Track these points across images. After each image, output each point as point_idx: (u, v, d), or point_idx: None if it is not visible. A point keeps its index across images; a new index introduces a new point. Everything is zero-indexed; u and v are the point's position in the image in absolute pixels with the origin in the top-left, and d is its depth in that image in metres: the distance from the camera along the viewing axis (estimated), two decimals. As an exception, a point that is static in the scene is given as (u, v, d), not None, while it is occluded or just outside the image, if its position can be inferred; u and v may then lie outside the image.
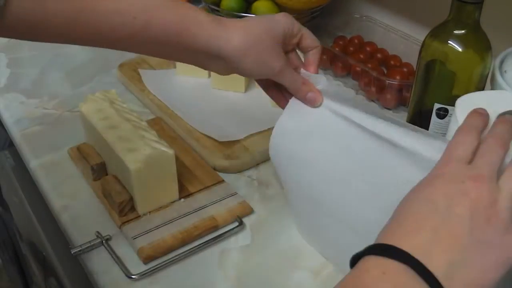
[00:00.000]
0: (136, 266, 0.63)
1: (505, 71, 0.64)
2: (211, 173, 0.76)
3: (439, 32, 0.61)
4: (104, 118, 0.71)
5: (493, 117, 0.48)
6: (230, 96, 0.93)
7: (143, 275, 0.61)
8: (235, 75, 0.91)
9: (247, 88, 0.94)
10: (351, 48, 1.04)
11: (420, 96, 0.64)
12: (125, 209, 0.67)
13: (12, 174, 0.99)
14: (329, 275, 0.63)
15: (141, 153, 0.65)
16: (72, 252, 0.63)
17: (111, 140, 0.68)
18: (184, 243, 0.66)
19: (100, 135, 0.69)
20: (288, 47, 0.61)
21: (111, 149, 0.67)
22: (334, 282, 0.61)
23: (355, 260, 0.38)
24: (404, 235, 0.38)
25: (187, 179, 0.74)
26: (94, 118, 0.72)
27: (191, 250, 0.65)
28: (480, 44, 0.60)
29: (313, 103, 0.59)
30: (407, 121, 0.69)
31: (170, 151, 0.66)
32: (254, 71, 0.59)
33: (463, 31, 0.59)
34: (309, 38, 0.62)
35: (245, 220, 0.69)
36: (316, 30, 1.08)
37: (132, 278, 0.61)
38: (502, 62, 0.66)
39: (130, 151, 0.65)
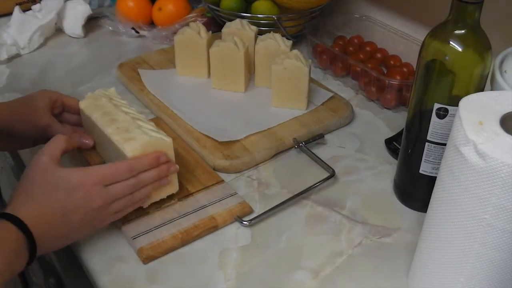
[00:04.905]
0: (136, 266, 0.63)
1: (505, 71, 0.64)
2: (211, 173, 0.76)
3: (439, 32, 0.61)
4: (103, 113, 0.70)
5: (495, 117, 0.48)
6: (230, 96, 0.92)
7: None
8: (235, 75, 0.92)
9: (247, 88, 0.94)
10: (351, 48, 1.04)
11: (420, 96, 0.64)
12: (125, 208, 0.67)
13: (12, 174, 0.99)
14: (329, 275, 0.63)
15: (138, 141, 0.64)
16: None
17: (110, 131, 0.67)
18: (184, 243, 0.66)
19: (99, 128, 0.69)
20: (55, 110, 0.76)
21: (110, 140, 0.66)
22: (334, 282, 0.62)
23: None
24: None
25: (187, 179, 0.74)
26: (93, 114, 0.71)
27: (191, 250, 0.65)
28: (480, 44, 0.60)
29: (86, 146, 0.74)
30: (407, 121, 0.69)
31: (168, 139, 0.66)
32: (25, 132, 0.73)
33: (463, 31, 0.59)
34: (70, 100, 0.77)
35: (245, 220, 0.69)
36: (315, 30, 1.08)
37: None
38: (502, 62, 0.66)
39: (128, 140, 0.65)
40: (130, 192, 0.63)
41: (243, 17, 1.04)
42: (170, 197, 0.70)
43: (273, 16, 1.04)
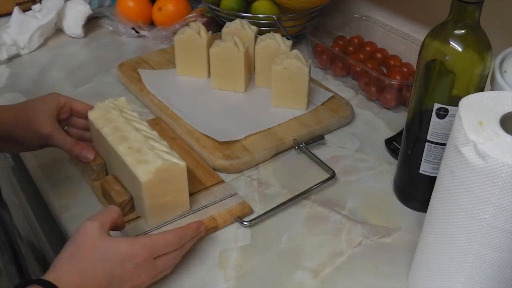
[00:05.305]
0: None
1: (505, 71, 0.64)
2: (211, 173, 0.76)
3: (439, 32, 0.61)
4: (114, 128, 0.69)
5: (495, 117, 0.48)
6: (230, 96, 0.92)
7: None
8: (235, 75, 0.92)
9: (247, 88, 0.94)
10: (351, 48, 1.04)
11: (420, 96, 0.64)
12: (125, 209, 0.67)
13: (12, 174, 0.99)
14: (329, 275, 0.63)
15: (152, 165, 0.63)
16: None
17: (121, 150, 0.65)
18: (184, 243, 0.66)
19: (109, 144, 0.67)
20: (62, 115, 0.74)
21: (121, 159, 0.65)
22: (334, 282, 0.62)
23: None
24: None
25: (187, 179, 0.73)
26: (104, 127, 0.69)
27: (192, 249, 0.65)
28: (480, 44, 0.60)
29: (87, 159, 0.73)
30: (407, 121, 0.69)
31: (182, 163, 0.65)
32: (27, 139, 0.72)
33: (463, 31, 0.59)
34: (79, 105, 0.75)
35: (245, 220, 0.69)
36: (315, 30, 1.08)
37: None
38: (502, 62, 0.66)
39: (140, 162, 0.63)
40: (174, 264, 0.61)
41: (243, 17, 1.04)
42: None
43: (273, 16, 1.04)
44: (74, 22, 1.15)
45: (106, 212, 0.59)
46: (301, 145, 0.81)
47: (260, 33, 0.96)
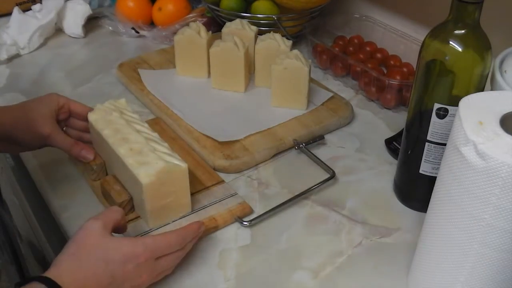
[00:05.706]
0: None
1: (505, 71, 0.64)
2: (211, 173, 0.76)
3: (439, 32, 0.61)
4: (115, 130, 0.69)
5: (495, 117, 0.48)
6: (230, 96, 0.92)
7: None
8: (235, 75, 0.92)
9: (247, 88, 0.94)
10: (351, 48, 1.04)
11: (420, 96, 0.64)
12: (125, 209, 0.67)
13: (12, 174, 0.99)
14: (329, 275, 0.63)
15: (153, 166, 0.63)
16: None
17: (122, 153, 0.65)
18: (184, 243, 0.66)
19: (110, 146, 0.67)
20: (61, 115, 0.74)
21: (122, 161, 0.65)
22: (334, 282, 0.62)
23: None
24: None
25: (187, 179, 0.74)
26: (104, 129, 0.69)
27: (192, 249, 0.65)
28: (480, 44, 0.60)
29: (86, 159, 0.73)
30: (407, 121, 0.69)
31: (183, 165, 0.65)
32: (26, 140, 0.72)
33: (463, 31, 0.59)
34: (78, 107, 0.75)
35: (245, 220, 0.69)
36: (315, 30, 1.08)
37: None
38: (502, 62, 0.66)
39: (142, 164, 0.63)
40: (175, 264, 0.61)
41: (243, 17, 1.04)
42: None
43: (273, 16, 1.04)
44: (74, 22, 1.15)
45: (109, 213, 0.59)
46: (301, 145, 0.81)
47: (260, 33, 0.96)
